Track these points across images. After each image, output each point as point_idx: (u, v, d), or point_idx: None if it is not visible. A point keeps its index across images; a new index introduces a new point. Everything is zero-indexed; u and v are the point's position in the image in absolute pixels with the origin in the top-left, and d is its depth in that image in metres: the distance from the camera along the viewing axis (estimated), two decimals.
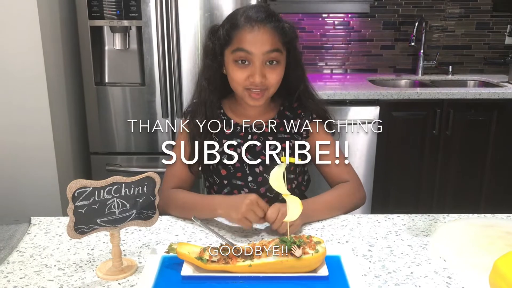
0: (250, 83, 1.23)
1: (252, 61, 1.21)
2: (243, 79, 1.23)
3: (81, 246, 1.07)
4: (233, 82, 1.26)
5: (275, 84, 1.25)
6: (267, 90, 1.25)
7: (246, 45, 1.20)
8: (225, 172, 1.31)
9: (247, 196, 1.12)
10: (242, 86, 1.24)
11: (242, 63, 1.22)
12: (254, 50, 1.20)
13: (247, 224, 1.11)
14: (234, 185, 1.31)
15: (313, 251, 0.92)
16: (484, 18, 3.21)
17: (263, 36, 1.20)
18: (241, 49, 1.21)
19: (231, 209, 1.12)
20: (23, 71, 1.95)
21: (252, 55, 1.20)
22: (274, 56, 1.22)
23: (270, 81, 1.23)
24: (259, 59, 1.21)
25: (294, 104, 1.36)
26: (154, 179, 0.94)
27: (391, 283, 0.92)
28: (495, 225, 1.14)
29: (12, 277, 0.94)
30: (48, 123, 2.02)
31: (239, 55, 1.22)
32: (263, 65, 1.22)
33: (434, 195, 2.77)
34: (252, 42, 1.20)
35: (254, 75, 1.21)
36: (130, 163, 2.41)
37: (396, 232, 1.14)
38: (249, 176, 1.30)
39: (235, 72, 1.24)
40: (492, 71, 3.29)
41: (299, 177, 1.36)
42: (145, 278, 0.92)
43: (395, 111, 2.62)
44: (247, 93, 1.25)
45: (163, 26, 2.22)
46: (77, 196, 0.87)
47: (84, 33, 2.25)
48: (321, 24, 3.20)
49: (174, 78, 2.28)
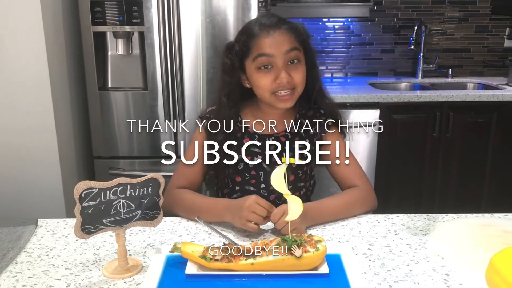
0: (278, 85, 1.24)
1: (275, 64, 1.23)
2: (269, 83, 1.24)
3: (87, 246, 1.09)
4: (259, 89, 1.27)
5: (301, 83, 1.27)
6: (295, 89, 1.26)
7: (266, 49, 1.23)
8: (239, 179, 1.32)
9: (247, 199, 1.13)
10: (270, 91, 1.25)
11: (265, 68, 1.24)
12: (274, 52, 1.22)
13: (252, 227, 1.11)
14: (246, 191, 1.32)
15: (314, 249, 0.94)
16: (483, 22, 3.24)
17: (280, 37, 1.23)
18: (262, 54, 1.23)
19: (235, 214, 1.14)
20: (28, 76, 1.98)
21: (274, 57, 1.23)
22: (295, 55, 1.25)
23: (296, 79, 1.25)
24: (281, 60, 1.23)
25: (309, 113, 1.36)
26: (159, 180, 0.97)
27: (390, 280, 0.94)
28: (492, 224, 1.16)
29: (20, 277, 0.96)
30: (52, 128, 2.04)
31: (261, 61, 1.24)
32: (285, 65, 1.24)
33: (435, 197, 2.79)
34: (271, 45, 1.23)
35: (280, 76, 1.23)
36: (133, 167, 2.43)
37: (396, 231, 1.16)
38: (262, 183, 1.31)
39: (261, 79, 1.25)
40: (491, 74, 3.31)
41: (307, 183, 1.38)
42: (150, 276, 0.94)
43: (395, 114, 2.65)
44: (275, 98, 1.26)
45: (165, 32, 2.24)
46: (84, 197, 0.89)
47: (88, 38, 2.28)
48: (321, 28, 3.23)
49: (176, 83, 2.31)
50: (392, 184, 2.74)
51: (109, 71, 2.42)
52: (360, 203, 1.29)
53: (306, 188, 1.38)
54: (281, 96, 1.25)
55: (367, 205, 1.30)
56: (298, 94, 1.28)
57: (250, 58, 1.25)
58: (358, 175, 1.33)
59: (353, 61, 3.31)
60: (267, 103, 1.30)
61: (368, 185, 1.33)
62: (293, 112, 1.37)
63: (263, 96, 1.28)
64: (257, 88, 1.27)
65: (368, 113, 2.61)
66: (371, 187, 1.34)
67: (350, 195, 1.29)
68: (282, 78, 1.23)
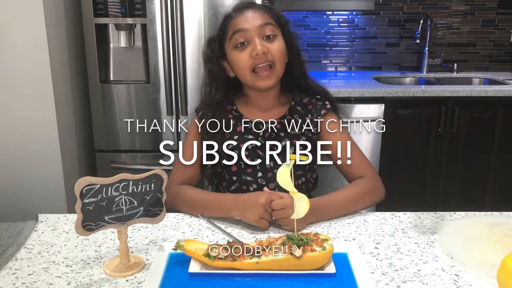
0: (254, 59, 1.24)
1: (250, 38, 1.25)
2: (247, 59, 1.25)
3: (89, 243, 1.07)
4: (239, 69, 1.27)
5: (279, 57, 1.27)
6: (273, 66, 1.26)
7: (240, 25, 1.25)
8: (235, 168, 1.31)
9: (260, 195, 1.12)
10: (248, 67, 1.25)
11: (242, 46, 1.26)
12: (248, 26, 1.24)
13: (264, 224, 1.12)
14: (243, 180, 1.31)
15: (320, 248, 0.92)
16: (490, 16, 3.20)
17: (253, 14, 1.26)
18: (236, 31, 1.25)
19: (247, 210, 1.12)
20: (29, 68, 1.96)
21: (248, 31, 1.24)
22: (270, 30, 1.26)
23: (272, 53, 1.25)
24: (255, 33, 1.24)
25: (305, 99, 1.36)
26: (162, 176, 0.95)
27: (399, 280, 0.92)
28: (501, 223, 1.14)
29: (20, 274, 0.94)
30: (53, 121, 2.02)
31: (236, 38, 1.26)
32: (261, 39, 1.25)
33: (439, 193, 2.77)
34: (244, 21, 1.25)
35: (255, 48, 1.23)
36: (134, 161, 2.41)
37: (403, 229, 1.14)
38: (259, 172, 1.29)
39: (238, 56, 1.26)
40: (497, 69, 3.28)
41: (307, 173, 1.35)
42: (153, 274, 0.92)
43: (400, 109, 2.62)
44: (254, 76, 1.26)
45: (168, 24, 2.22)
46: (85, 193, 0.87)
47: (89, 30, 2.25)
48: (325, 22, 3.20)
49: (179, 76, 2.28)
50: (396, 179, 2.71)
51: (111, 63, 2.39)
52: (369, 195, 1.26)
53: (307, 179, 1.35)
54: (260, 72, 1.25)
55: (375, 196, 1.28)
56: (278, 72, 1.28)
57: (228, 39, 1.28)
58: (363, 165, 1.31)
59: (358, 55, 3.27)
60: (250, 86, 1.29)
61: (375, 175, 1.31)
62: (288, 100, 1.36)
63: (244, 77, 1.28)
64: (237, 68, 1.28)
65: (373, 108, 2.58)
66: (378, 177, 1.31)
67: (357, 187, 1.27)
68: (257, 48, 1.23)
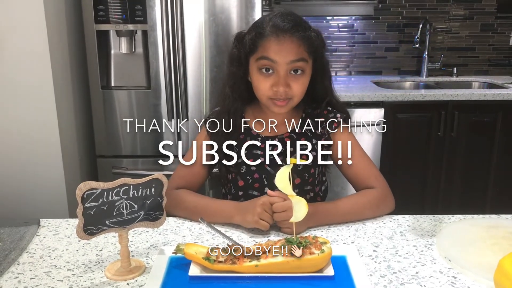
0: (274, 93, 1.21)
1: (276, 70, 1.20)
2: (267, 88, 1.21)
3: (90, 247, 1.08)
4: (257, 91, 1.25)
5: (299, 95, 1.23)
6: (291, 99, 1.23)
7: (271, 53, 1.19)
8: (242, 183, 1.30)
9: (260, 197, 1.14)
10: (266, 95, 1.23)
11: (266, 72, 1.21)
12: (278, 59, 1.19)
13: (263, 225, 1.12)
14: (250, 195, 1.29)
15: (319, 251, 0.93)
16: (489, 20, 3.22)
17: (288, 45, 1.19)
18: (265, 58, 1.20)
19: (247, 213, 1.13)
20: (30, 75, 1.97)
21: (276, 64, 1.19)
22: (299, 66, 1.21)
23: (294, 91, 1.21)
24: (283, 69, 1.19)
25: (316, 111, 1.33)
26: (162, 180, 0.96)
27: (397, 283, 0.93)
28: (499, 226, 1.15)
29: (22, 278, 0.95)
30: (55, 126, 2.04)
31: (263, 63, 1.20)
32: (287, 74, 1.20)
33: (439, 197, 2.77)
34: (277, 51, 1.18)
35: (277, 85, 1.20)
36: (136, 166, 2.42)
37: (401, 232, 1.15)
38: (266, 187, 1.28)
39: (260, 81, 1.22)
40: (496, 73, 3.29)
41: (316, 187, 1.34)
42: (153, 278, 0.93)
43: (399, 113, 2.63)
44: (271, 102, 1.23)
45: (169, 30, 2.23)
46: (86, 197, 0.88)
47: (91, 37, 2.27)
48: (325, 27, 3.22)
49: (180, 82, 2.30)
50: (396, 183, 2.68)
51: (112, 69, 2.41)
52: (375, 206, 1.24)
53: (315, 193, 1.34)
54: (277, 102, 1.23)
55: (382, 208, 1.25)
56: (295, 104, 1.26)
57: (255, 57, 1.23)
58: (373, 175, 1.29)
59: (357, 59, 3.29)
60: (264, 105, 1.28)
61: (385, 187, 1.29)
62: (298, 113, 1.34)
63: (260, 98, 1.26)
64: (255, 88, 1.26)
65: (373, 112, 2.60)
66: (388, 189, 1.29)
67: (364, 196, 1.25)
68: (279, 87, 1.20)
